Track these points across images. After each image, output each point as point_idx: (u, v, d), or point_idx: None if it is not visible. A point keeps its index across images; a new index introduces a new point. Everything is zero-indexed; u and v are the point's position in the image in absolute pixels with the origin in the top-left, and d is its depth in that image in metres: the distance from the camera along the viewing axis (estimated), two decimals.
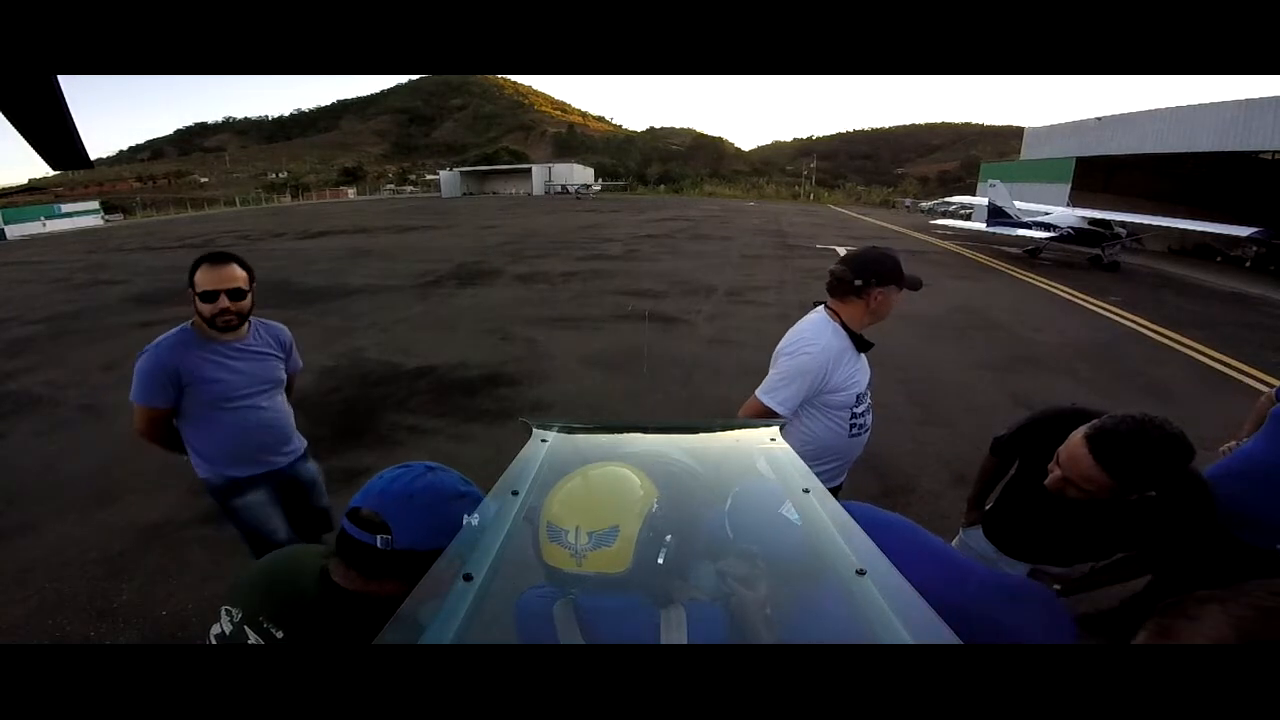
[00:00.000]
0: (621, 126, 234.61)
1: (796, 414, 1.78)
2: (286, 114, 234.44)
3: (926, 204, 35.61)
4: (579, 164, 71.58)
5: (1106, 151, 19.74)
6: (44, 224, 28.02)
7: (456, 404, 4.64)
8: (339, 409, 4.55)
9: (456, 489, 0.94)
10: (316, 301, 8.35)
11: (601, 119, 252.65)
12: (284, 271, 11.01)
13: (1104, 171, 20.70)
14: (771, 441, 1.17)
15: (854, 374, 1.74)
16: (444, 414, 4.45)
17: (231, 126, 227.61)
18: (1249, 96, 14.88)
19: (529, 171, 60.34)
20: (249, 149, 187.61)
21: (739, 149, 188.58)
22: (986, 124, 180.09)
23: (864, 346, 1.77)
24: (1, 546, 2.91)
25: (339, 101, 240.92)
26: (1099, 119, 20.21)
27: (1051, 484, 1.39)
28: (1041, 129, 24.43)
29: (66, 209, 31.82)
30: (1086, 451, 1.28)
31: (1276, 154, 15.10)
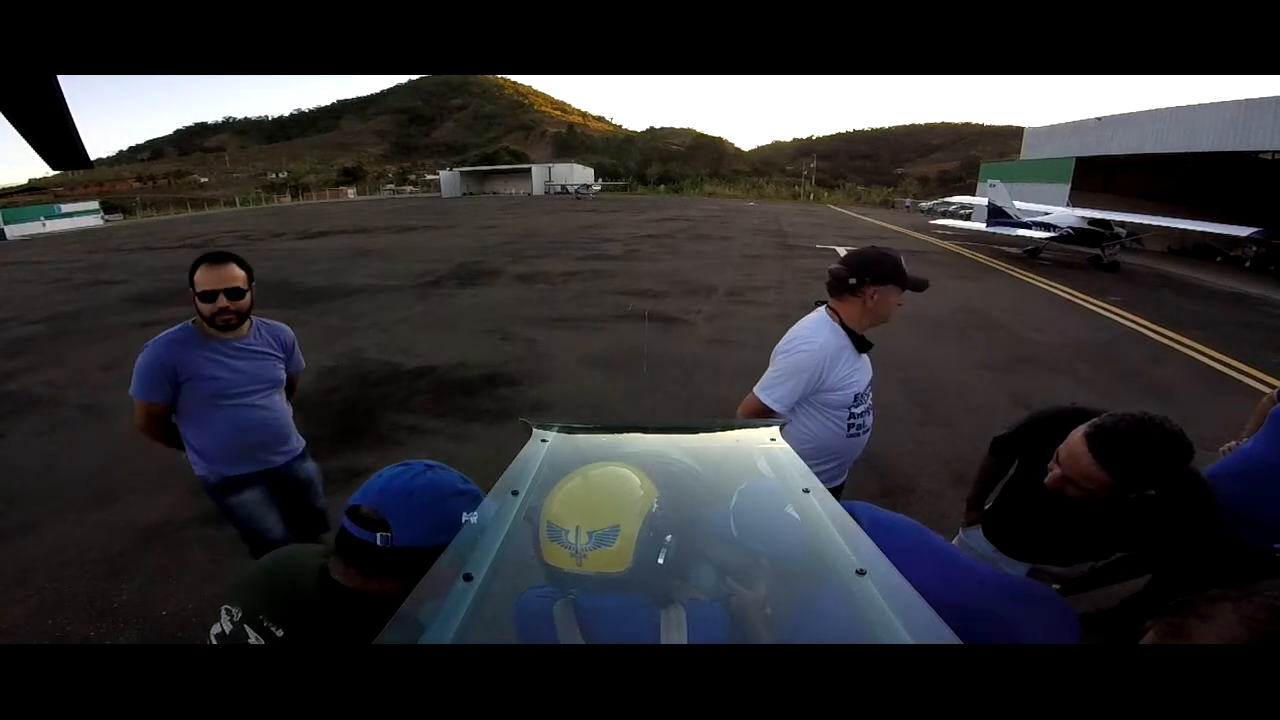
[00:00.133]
0: (621, 126, 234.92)
1: (794, 412, 1.78)
2: (286, 114, 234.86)
3: (926, 204, 35.61)
4: (579, 164, 71.57)
5: (1106, 151, 19.74)
6: (44, 224, 28.02)
7: (456, 404, 4.64)
8: (339, 409, 4.55)
9: (456, 487, 0.95)
10: (316, 301, 8.35)
11: (601, 119, 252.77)
12: (284, 271, 11.01)
13: (1104, 171, 20.70)
14: (771, 441, 1.17)
15: (852, 374, 1.74)
16: (444, 414, 4.45)
17: (231, 126, 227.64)
18: (1249, 96, 14.90)
19: (529, 171, 60.34)
20: (249, 149, 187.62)
21: (739, 149, 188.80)
22: (986, 124, 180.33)
23: (864, 347, 1.77)
24: (1, 546, 2.91)
25: (339, 101, 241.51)
26: (1099, 119, 20.22)
27: (1051, 482, 1.39)
28: (1041, 129, 24.43)
29: (66, 209, 31.83)
30: (1086, 450, 1.28)
31: (1276, 154, 15.10)
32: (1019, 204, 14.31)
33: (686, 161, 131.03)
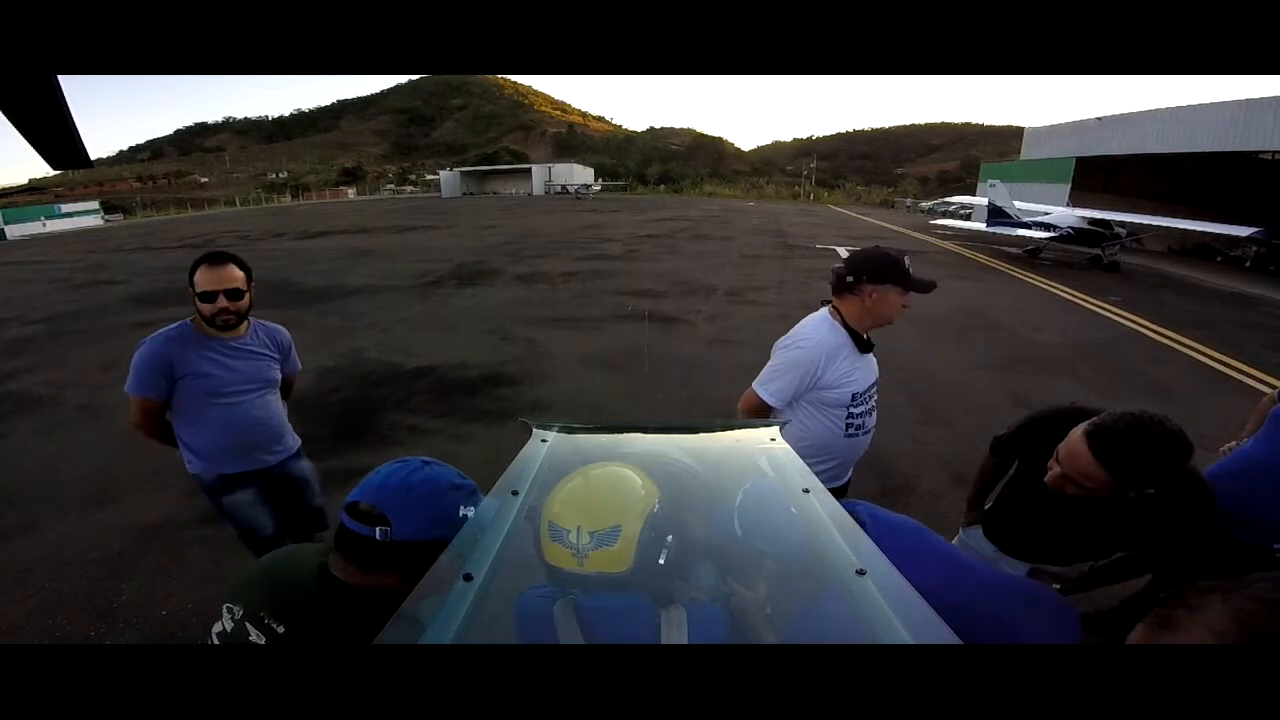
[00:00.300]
0: (621, 126, 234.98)
1: (793, 409, 1.80)
2: (286, 114, 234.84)
3: (926, 204, 35.63)
4: (579, 164, 71.57)
5: (1106, 151, 19.73)
6: (44, 224, 28.04)
7: (456, 404, 4.64)
8: (339, 409, 4.55)
9: (452, 481, 0.96)
10: (316, 301, 8.35)
11: (601, 119, 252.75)
12: (284, 271, 11.01)
13: (1104, 171, 20.70)
14: (771, 442, 1.17)
15: (850, 373, 1.74)
16: (444, 414, 4.45)
17: (231, 126, 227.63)
18: (1249, 96, 14.90)
19: (529, 171, 60.33)
20: (249, 149, 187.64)
21: (739, 149, 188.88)
22: (986, 124, 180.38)
23: (865, 347, 1.77)
24: (1, 546, 2.91)
25: (339, 101, 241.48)
26: (1099, 119, 20.21)
27: (1051, 481, 1.39)
28: (1041, 129, 24.42)
29: (66, 209, 31.86)
30: (1086, 448, 1.28)
31: (1276, 154, 15.10)
32: (1019, 204, 14.31)
33: (686, 161, 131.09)
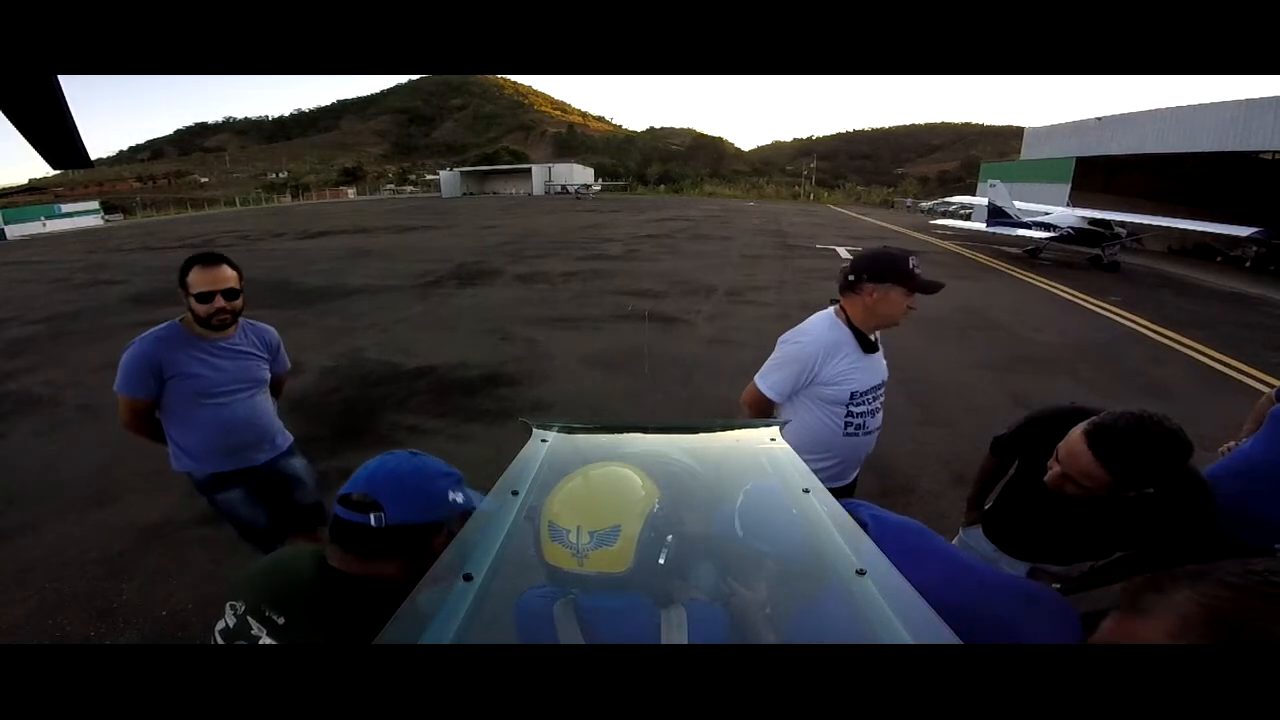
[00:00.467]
0: (621, 126, 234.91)
1: (792, 403, 1.81)
2: (286, 114, 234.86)
3: (926, 204, 35.63)
4: (579, 164, 71.57)
5: (1106, 151, 19.73)
6: (44, 224, 28.04)
7: (456, 404, 4.63)
8: (339, 409, 4.55)
9: (441, 469, 1.00)
10: (316, 301, 8.34)
11: (601, 119, 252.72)
12: (284, 271, 11.01)
13: (1104, 171, 20.70)
14: (772, 442, 1.17)
15: (850, 371, 1.74)
16: (444, 414, 4.44)
17: (231, 126, 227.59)
18: (1249, 96, 14.89)
19: (529, 171, 60.33)
20: (249, 149, 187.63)
21: (739, 149, 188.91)
22: (986, 124, 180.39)
23: (869, 347, 1.77)
24: (1, 546, 2.91)
25: (339, 101, 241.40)
26: (1099, 119, 20.21)
27: (1051, 480, 1.39)
28: (1041, 129, 24.42)
29: (66, 209, 31.84)
30: (1086, 447, 1.28)
31: (1276, 154, 15.11)
32: (1019, 204, 14.31)
33: (686, 161, 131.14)
